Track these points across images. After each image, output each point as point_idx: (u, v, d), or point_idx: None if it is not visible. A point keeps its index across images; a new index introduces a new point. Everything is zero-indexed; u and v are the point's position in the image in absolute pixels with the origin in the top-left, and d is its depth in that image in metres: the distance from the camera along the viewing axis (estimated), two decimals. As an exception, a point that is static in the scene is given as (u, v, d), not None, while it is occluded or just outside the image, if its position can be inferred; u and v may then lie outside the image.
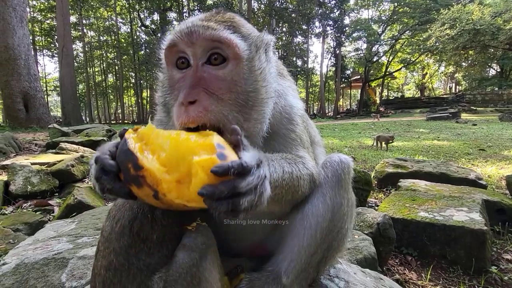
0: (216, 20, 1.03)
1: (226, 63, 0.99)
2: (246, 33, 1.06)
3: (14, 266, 1.58)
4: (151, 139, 0.85)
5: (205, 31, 0.96)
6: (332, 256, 1.28)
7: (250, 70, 1.03)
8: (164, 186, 0.77)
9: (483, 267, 2.41)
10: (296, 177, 1.05)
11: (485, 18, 30.31)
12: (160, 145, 0.82)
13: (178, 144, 0.81)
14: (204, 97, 0.93)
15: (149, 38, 39.57)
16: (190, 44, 0.98)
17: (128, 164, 0.80)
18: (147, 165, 0.78)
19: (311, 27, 44.57)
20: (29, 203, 3.60)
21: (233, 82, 0.99)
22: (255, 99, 1.04)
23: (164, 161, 0.80)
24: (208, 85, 0.96)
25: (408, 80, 68.77)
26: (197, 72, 0.98)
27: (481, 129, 15.64)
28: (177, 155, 0.79)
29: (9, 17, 15.24)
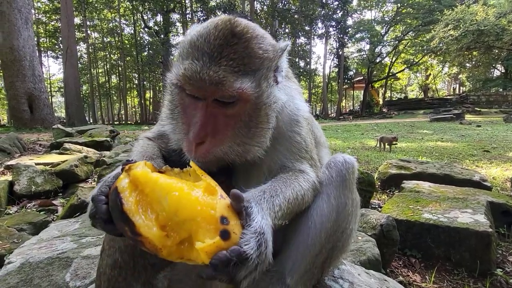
0: (226, 59, 0.95)
1: (235, 103, 1.00)
2: (257, 66, 1.01)
3: (19, 265, 1.59)
4: (147, 189, 0.78)
5: (211, 84, 0.93)
6: (337, 256, 1.28)
7: (257, 105, 1.04)
8: (164, 252, 0.75)
9: (488, 269, 2.39)
10: (300, 197, 1.09)
11: (489, 18, 30.08)
12: (158, 200, 0.76)
13: (179, 206, 0.75)
14: (210, 139, 0.99)
15: (152, 39, 39.76)
16: (198, 92, 0.98)
17: (124, 227, 0.76)
18: (145, 233, 0.74)
19: (313, 28, 44.52)
20: (33, 203, 3.63)
21: (240, 118, 1.02)
22: (257, 129, 1.06)
23: (164, 222, 0.75)
24: (216, 123, 1.00)
25: (412, 81, 68.45)
26: (207, 107, 0.99)
27: (486, 130, 15.51)
28: (178, 218, 0.75)
29: (15, 19, 15.39)
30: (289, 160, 1.20)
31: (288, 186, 1.07)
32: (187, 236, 0.75)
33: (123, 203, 0.76)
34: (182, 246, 0.75)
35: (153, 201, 0.77)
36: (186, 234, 0.74)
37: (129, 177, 0.80)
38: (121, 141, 8.81)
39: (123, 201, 0.77)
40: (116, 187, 0.80)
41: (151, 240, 0.74)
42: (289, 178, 1.11)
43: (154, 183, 0.78)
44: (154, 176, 0.80)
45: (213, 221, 0.74)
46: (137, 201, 0.77)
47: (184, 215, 0.74)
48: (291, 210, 1.04)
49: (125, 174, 0.81)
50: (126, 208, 0.76)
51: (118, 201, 0.77)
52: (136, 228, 0.74)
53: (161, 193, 0.77)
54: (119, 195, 0.77)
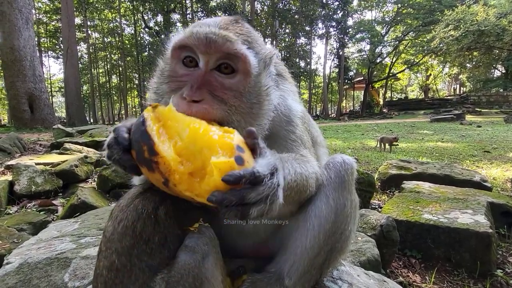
0: (234, 31, 1.02)
1: (234, 74, 1.01)
2: (259, 50, 1.07)
3: (17, 265, 1.59)
4: (169, 122, 0.83)
5: (223, 42, 0.96)
6: (335, 258, 1.27)
7: (256, 85, 1.06)
8: (176, 177, 0.77)
9: (488, 270, 2.38)
10: (305, 177, 1.06)
11: (490, 19, 30.05)
12: (178, 132, 0.81)
13: (198, 135, 0.79)
14: (209, 98, 0.95)
15: (152, 39, 39.79)
16: (205, 51, 0.98)
17: (143, 146, 0.80)
18: (163, 152, 0.77)
19: (314, 28, 44.50)
20: (33, 203, 3.63)
21: (239, 92, 1.02)
22: (258, 110, 1.07)
23: (180, 151, 0.79)
24: (214, 90, 0.98)
25: (412, 82, 68.41)
26: (205, 75, 0.98)
27: (486, 131, 15.49)
28: (194, 147, 0.78)
29: (15, 19, 15.41)
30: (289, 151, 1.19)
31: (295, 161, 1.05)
32: (200, 166, 0.77)
33: (146, 125, 0.81)
34: (193, 178, 0.77)
35: (174, 131, 0.81)
36: (200, 163, 0.77)
37: (154, 112, 0.86)
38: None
39: (147, 122, 0.82)
40: (143, 114, 0.85)
41: (167, 160, 0.76)
42: (296, 157, 1.11)
43: (177, 117, 0.84)
44: (177, 113, 0.85)
45: (230, 148, 0.77)
46: (159, 128, 0.82)
47: (202, 143, 0.78)
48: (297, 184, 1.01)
49: (151, 109, 0.87)
50: (149, 128, 0.80)
51: (142, 123, 0.82)
52: (155, 146, 0.78)
53: (183, 125, 0.82)
54: (144, 118, 0.83)
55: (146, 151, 0.79)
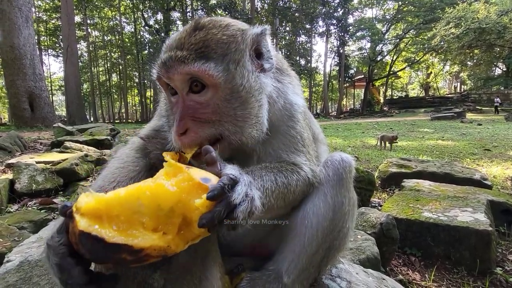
0: (188, 45, 1.01)
1: (206, 89, 1.02)
2: (223, 51, 1.02)
3: (18, 263, 1.59)
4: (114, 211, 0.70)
5: (178, 66, 0.99)
6: (334, 255, 1.28)
7: (232, 90, 1.03)
8: (172, 247, 0.73)
9: (488, 268, 2.38)
10: (281, 183, 1.06)
11: (491, 16, 29.94)
12: (133, 211, 0.70)
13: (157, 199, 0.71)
14: (193, 125, 1.01)
15: (153, 37, 39.70)
16: (170, 79, 1.04)
17: (121, 255, 0.69)
18: (146, 245, 0.69)
19: (314, 26, 44.37)
20: (34, 201, 3.64)
21: (217, 105, 1.03)
22: (244, 112, 1.05)
23: (154, 225, 0.71)
24: (194, 113, 1.02)
25: (413, 80, 68.26)
26: (184, 101, 1.03)
27: (487, 129, 15.47)
28: (163, 211, 0.71)
29: (15, 17, 15.38)
30: (284, 152, 1.19)
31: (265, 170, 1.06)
32: (181, 221, 0.73)
33: (103, 237, 0.67)
34: (182, 232, 0.74)
35: (129, 215, 0.70)
36: (179, 219, 0.73)
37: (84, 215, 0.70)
38: (122, 139, 8.81)
39: (100, 236, 0.67)
40: (81, 231, 0.68)
41: (155, 246, 0.70)
42: (270, 166, 1.10)
43: (117, 199, 0.71)
44: (111, 194, 0.73)
45: (196, 187, 0.74)
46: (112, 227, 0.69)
47: (168, 203, 0.72)
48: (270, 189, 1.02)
49: (78, 216, 0.70)
50: (110, 238, 0.67)
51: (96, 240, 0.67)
52: (134, 247, 0.68)
53: (132, 202, 0.71)
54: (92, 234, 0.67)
55: (127, 256, 0.69)
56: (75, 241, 0.71)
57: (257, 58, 1.12)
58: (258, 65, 1.11)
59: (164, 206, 0.71)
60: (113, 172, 1.15)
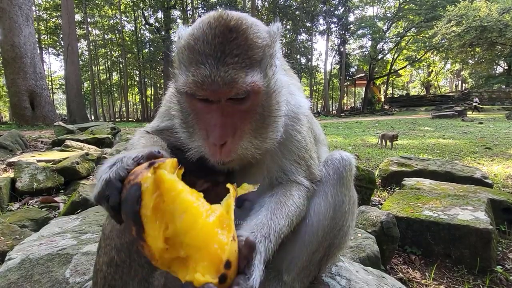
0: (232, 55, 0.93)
1: (247, 97, 0.98)
2: (261, 55, 0.99)
3: (19, 261, 1.60)
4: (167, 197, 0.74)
5: (224, 85, 0.91)
6: (334, 254, 1.28)
7: (268, 95, 1.04)
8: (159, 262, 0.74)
9: (488, 266, 2.39)
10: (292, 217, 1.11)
11: (492, 14, 29.80)
12: (173, 214, 0.74)
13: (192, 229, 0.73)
14: (231, 138, 0.99)
15: (153, 36, 39.66)
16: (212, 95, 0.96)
17: (132, 226, 0.74)
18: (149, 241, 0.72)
19: (315, 24, 44.26)
20: (35, 199, 3.65)
21: (255, 111, 1.02)
22: (271, 118, 1.06)
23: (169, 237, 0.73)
24: (234, 121, 0.99)
25: (414, 78, 68.07)
26: (223, 109, 0.97)
27: (488, 127, 15.44)
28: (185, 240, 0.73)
29: (15, 16, 15.37)
30: (287, 160, 1.19)
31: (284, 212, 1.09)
32: (184, 257, 0.74)
33: (141, 206, 0.73)
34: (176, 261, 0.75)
35: (168, 212, 0.74)
36: (185, 255, 0.73)
37: (155, 176, 0.76)
38: (122, 138, 8.82)
39: (142, 203, 0.73)
40: (140, 183, 0.75)
41: (152, 249, 0.72)
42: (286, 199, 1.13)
43: (176, 195, 0.75)
44: (179, 187, 0.76)
45: (218, 261, 0.73)
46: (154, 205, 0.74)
47: (193, 241, 0.73)
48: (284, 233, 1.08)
49: (152, 171, 0.76)
50: (143, 212, 0.72)
51: (137, 201, 0.73)
52: (144, 234, 0.72)
53: (179, 208, 0.74)
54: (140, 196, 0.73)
55: (134, 231, 0.74)
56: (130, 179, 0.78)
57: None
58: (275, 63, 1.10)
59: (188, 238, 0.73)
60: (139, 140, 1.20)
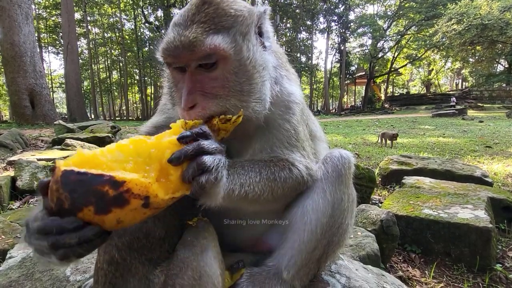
0: (198, 21, 1.00)
1: (216, 64, 1.02)
2: (231, 23, 1.04)
3: (20, 259, 1.61)
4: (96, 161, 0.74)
5: (188, 47, 0.97)
6: (333, 251, 1.28)
7: (240, 63, 1.05)
8: (154, 186, 0.74)
9: (488, 265, 2.39)
10: (266, 176, 1.07)
11: (493, 12, 29.71)
12: (114, 160, 0.75)
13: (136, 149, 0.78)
14: (201, 99, 1.01)
15: (153, 34, 39.62)
16: (179, 61, 1.02)
17: (104, 188, 0.68)
18: (128, 177, 0.71)
19: (315, 22, 44.17)
20: (36, 198, 3.65)
21: (226, 79, 1.04)
22: (249, 86, 1.07)
23: (134, 169, 0.75)
24: (203, 87, 1.02)
25: (414, 76, 67.97)
26: (191, 76, 1.02)
27: (488, 126, 15.43)
28: (142, 157, 0.78)
29: (15, 14, 15.33)
30: (278, 147, 1.18)
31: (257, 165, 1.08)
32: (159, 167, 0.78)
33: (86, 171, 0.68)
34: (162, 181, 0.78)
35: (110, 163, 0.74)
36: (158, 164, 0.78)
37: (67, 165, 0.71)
38: (122, 136, 8.82)
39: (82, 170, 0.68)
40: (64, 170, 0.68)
41: (137, 180, 0.71)
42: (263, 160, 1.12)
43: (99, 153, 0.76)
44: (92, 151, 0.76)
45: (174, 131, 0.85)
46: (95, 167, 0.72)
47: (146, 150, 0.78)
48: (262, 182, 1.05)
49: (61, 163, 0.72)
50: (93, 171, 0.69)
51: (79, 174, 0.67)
52: (116, 178, 0.69)
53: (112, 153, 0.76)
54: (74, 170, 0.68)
55: (109, 189, 0.68)
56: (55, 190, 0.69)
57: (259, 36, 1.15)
58: (260, 42, 1.14)
59: (141, 153, 0.78)
60: None
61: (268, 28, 1.19)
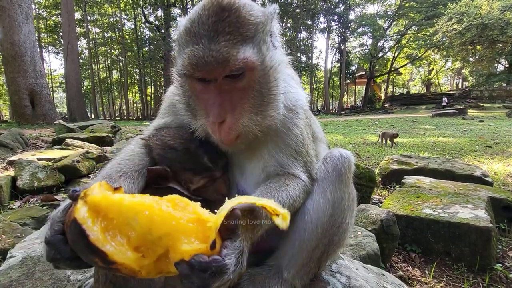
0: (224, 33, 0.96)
1: (243, 74, 1.01)
2: (253, 31, 1.01)
3: (20, 259, 1.61)
4: (112, 214, 0.72)
5: (217, 63, 0.94)
6: (333, 251, 1.28)
7: (264, 72, 1.06)
8: (143, 272, 0.72)
9: (488, 264, 2.39)
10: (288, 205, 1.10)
11: (493, 12, 29.67)
12: (126, 223, 0.71)
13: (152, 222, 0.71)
14: (230, 116, 1.01)
15: (153, 34, 39.61)
16: (208, 75, 0.98)
17: (95, 258, 0.70)
18: (119, 260, 0.69)
19: (315, 22, 44.15)
20: (36, 198, 3.66)
21: (251, 88, 1.04)
22: (270, 95, 1.08)
23: (137, 243, 0.71)
24: (231, 100, 1.02)
25: (414, 76, 67.92)
26: (220, 87, 1.00)
27: (488, 125, 15.42)
28: (153, 236, 0.71)
29: (15, 14, 15.32)
30: (284, 154, 1.19)
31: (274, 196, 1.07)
32: (164, 252, 0.72)
33: (88, 235, 0.69)
34: (159, 261, 0.73)
35: (121, 224, 0.71)
36: (162, 250, 0.72)
37: (87, 204, 0.72)
38: (123, 136, 8.82)
39: (87, 232, 0.69)
40: (75, 218, 0.70)
41: (127, 265, 0.69)
42: (279, 187, 1.12)
43: (119, 205, 0.72)
44: (117, 197, 0.74)
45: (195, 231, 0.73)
46: (103, 228, 0.71)
47: (160, 231, 0.71)
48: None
49: (82, 202, 0.73)
50: (93, 238, 0.68)
51: (81, 234, 0.69)
52: (108, 257, 0.68)
53: (129, 214, 0.71)
54: (81, 227, 0.69)
55: (100, 262, 0.70)
56: (67, 223, 0.73)
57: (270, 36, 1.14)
58: (272, 43, 1.13)
59: (154, 232, 0.71)
60: (120, 163, 1.17)
61: (276, 27, 1.18)
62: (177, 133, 1.22)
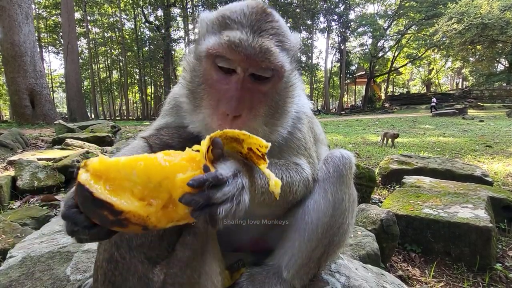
0: (268, 33, 0.97)
1: (269, 79, 1.00)
2: (289, 45, 1.04)
3: (20, 259, 1.61)
4: (112, 174, 0.75)
5: (261, 54, 0.93)
6: (333, 251, 1.28)
7: (287, 85, 1.07)
8: (153, 219, 0.74)
9: (488, 264, 2.39)
10: (285, 182, 1.07)
11: (493, 12, 29.68)
12: (126, 178, 0.75)
13: (149, 171, 0.75)
14: (246, 114, 0.98)
15: (153, 34, 39.62)
16: (241, 61, 0.95)
17: (103, 212, 0.72)
18: (127, 208, 0.72)
19: (315, 22, 44.17)
20: (36, 198, 3.66)
21: (272, 96, 1.04)
22: (283, 110, 1.09)
23: (141, 194, 0.74)
24: (251, 99, 0.99)
25: (414, 76, 67.91)
26: (243, 82, 0.97)
27: (488, 125, 15.42)
28: (153, 183, 0.75)
29: (15, 14, 15.33)
30: (288, 154, 1.21)
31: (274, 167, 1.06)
32: (168, 197, 0.75)
33: (92, 191, 0.72)
34: (167, 209, 0.75)
35: (122, 181, 0.75)
36: (166, 194, 0.75)
37: (88, 171, 0.76)
38: (123, 136, 8.82)
39: (90, 189, 0.72)
40: (78, 182, 0.74)
41: (135, 212, 0.72)
42: (279, 163, 1.12)
43: (116, 165, 0.76)
44: (113, 159, 0.78)
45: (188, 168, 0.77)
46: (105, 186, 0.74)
47: (158, 177, 0.75)
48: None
49: (83, 170, 0.76)
50: (97, 194, 0.72)
51: (86, 192, 0.72)
52: (115, 207, 0.71)
53: (127, 170, 0.75)
54: (85, 187, 0.73)
55: (109, 215, 0.72)
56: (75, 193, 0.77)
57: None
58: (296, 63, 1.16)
59: (153, 179, 0.75)
60: (124, 154, 1.20)
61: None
62: (175, 133, 1.23)
